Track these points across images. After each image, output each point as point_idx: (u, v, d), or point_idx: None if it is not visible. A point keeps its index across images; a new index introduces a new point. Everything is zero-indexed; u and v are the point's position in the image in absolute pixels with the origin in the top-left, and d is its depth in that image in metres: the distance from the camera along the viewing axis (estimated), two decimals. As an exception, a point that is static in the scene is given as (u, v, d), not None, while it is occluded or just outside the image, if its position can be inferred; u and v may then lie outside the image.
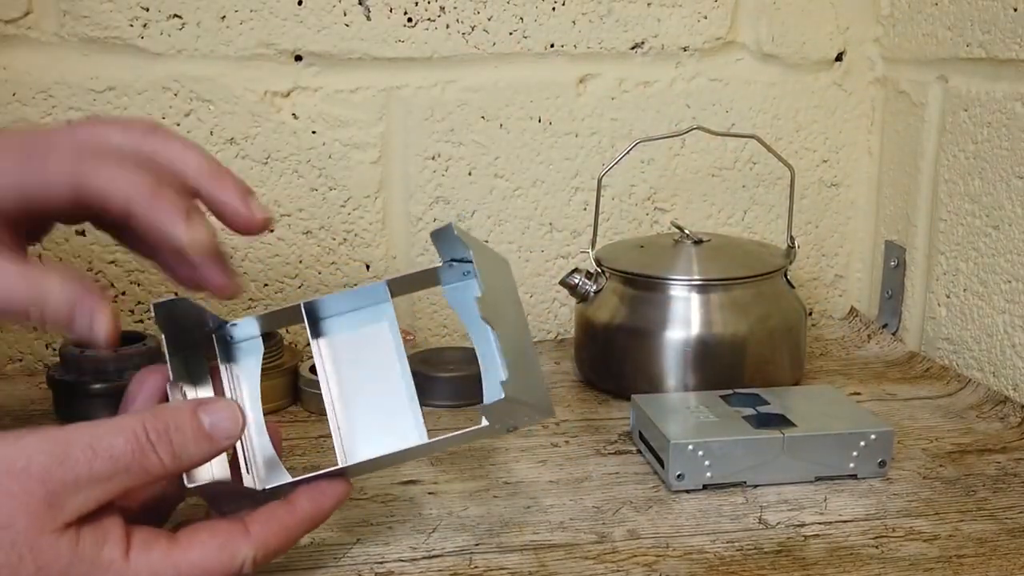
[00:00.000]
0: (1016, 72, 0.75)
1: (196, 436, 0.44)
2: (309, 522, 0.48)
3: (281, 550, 0.47)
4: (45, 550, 0.40)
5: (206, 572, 0.44)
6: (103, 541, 0.42)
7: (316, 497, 0.48)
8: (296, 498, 0.48)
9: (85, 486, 0.41)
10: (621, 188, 0.91)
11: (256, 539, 0.45)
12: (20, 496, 0.40)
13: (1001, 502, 0.59)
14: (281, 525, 0.47)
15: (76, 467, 0.41)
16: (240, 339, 0.55)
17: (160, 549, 0.43)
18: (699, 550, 0.53)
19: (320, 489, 0.48)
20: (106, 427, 0.42)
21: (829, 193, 0.96)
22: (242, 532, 0.45)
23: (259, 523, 0.46)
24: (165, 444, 0.43)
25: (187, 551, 0.44)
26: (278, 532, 0.46)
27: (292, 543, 0.48)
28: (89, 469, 0.41)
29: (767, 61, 0.91)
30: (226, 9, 0.81)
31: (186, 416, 0.44)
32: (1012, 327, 0.76)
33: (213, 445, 0.45)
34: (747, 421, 0.62)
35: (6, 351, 0.84)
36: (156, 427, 0.43)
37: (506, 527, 0.55)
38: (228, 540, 0.45)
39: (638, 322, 0.75)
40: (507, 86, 0.87)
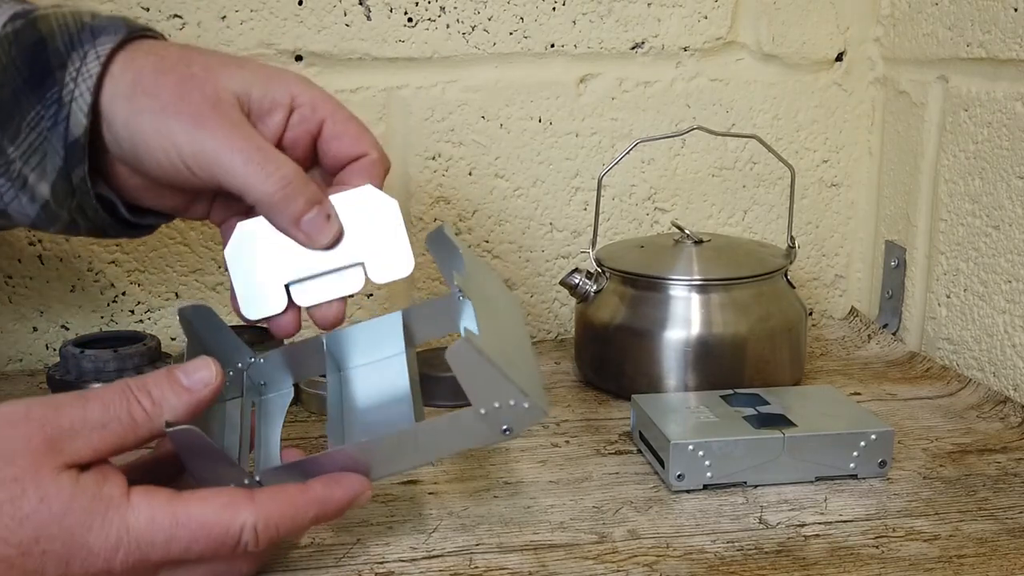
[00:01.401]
0: (1016, 72, 0.75)
1: (174, 387, 0.46)
2: (318, 506, 0.47)
3: (284, 528, 0.46)
4: (46, 484, 0.42)
5: (204, 527, 0.44)
6: (103, 480, 0.43)
7: (329, 483, 0.48)
8: (311, 481, 0.48)
9: (81, 431, 0.43)
10: (621, 188, 0.91)
11: (260, 507, 0.45)
12: (20, 439, 0.42)
13: (1001, 502, 0.59)
14: (288, 501, 0.46)
15: (71, 413, 0.43)
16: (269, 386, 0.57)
17: (162, 497, 0.44)
18: (699, 550, 0.53)
19: (336, 478, 0.48)
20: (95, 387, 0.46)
21: (829, 193, 0.96)
22: (246, 498, 0.45)
23: (266, 494, 0.46)
24: (146, 395, 0.45)
25: (188, 504, 0.44)
26: (283, 508, 0.46)
27: (297, 526, 0.47)
28: (83, 415, 0.43)
29: (767, 61, 0.91)
30: (226, 9, 0.81)
31: (163, 374, 0.46)
32: (1012, 327, 0.76)
33: (192, 394, 0.46)
34: (747, 421, 0.62)
35: (6, 351, 0.84)
36: (137, 383, 0.46)
37: (506, 527, 0.55)
38: (231, 502, 0.45)
39: (638, 322, 0.74)
40: (507, 86, 0.87)
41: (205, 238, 0.85)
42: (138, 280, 0.85)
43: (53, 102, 0.50)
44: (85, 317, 0.84)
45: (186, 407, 0.46)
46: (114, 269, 0.84)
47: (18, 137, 0.51)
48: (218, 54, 0.54)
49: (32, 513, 0.41)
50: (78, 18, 0.52)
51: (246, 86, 0.52)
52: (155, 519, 0.43)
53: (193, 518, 0.44)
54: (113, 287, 0.84)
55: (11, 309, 0.83)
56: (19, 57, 0.51)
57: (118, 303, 0.85)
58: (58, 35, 0.51)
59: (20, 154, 0.51)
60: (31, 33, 0.51)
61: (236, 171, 0.50)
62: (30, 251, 0.82)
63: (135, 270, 0.84)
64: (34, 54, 0.51)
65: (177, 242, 0.85)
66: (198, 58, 0.52)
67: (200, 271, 0.86)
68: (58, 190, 0.52)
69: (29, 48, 0.51)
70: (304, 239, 0.53)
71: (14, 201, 0.52)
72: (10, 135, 0.51)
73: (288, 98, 0.53)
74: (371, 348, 0.57)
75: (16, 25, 0.51)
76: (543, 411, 0.49)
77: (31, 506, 0.41)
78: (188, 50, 0.53)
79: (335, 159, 0.55)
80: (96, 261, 0.83)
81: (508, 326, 0.53)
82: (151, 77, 0.51)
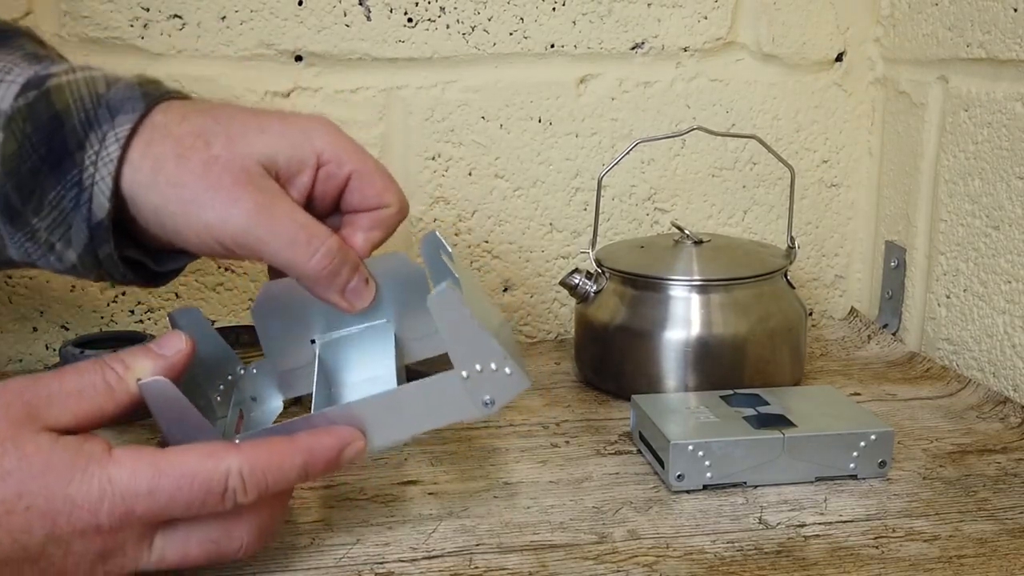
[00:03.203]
0: (1016, 72, 0.75)
1: (144, 352, 0.47)
2: (306, 454, 0.47)
3: (272, 477, 0.45)
4: (26, 443, 0.42)
5: (187, 475, 0.44)
6: (84, 439, 0.44)
7: (317, 432, 0.48)
8: (296, 433, 0.48)
9: (57, 397, 0.44)
10: (621, 188, 0.91)
11: (244, 454, 0.45)
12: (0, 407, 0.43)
13: (1001, 502, 0.59)
14: (274, 448, 0.46)
15: (48, 383, 0.44)
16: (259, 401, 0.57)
17: (144, 451, 0.44)
18: (699, 550, 0.53)
19: (324, 428, 0.48)
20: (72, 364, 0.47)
21: (829, 193, 0.96)
22: (230, 446, 0.45)
23: (250, 443, 0.46)
24: (118, 362, 0.46)
25: (169, 455, 0.44)
26: (270, 454, 0.45)
27: (286, 475, 0.46)
28: (59, 384, 0.45)
29: (767, 61, 0.91)
30: (226, 9, 0.81)
31: (137, 347, 0.48)
32: (1012, 327, 0.76)
33: (164, 359, 0.47)
34: (747, 421, 0.62)
35: (6, 351, 0.84)
36: (111, 356, 0.47)
37: (506, 527, 0.55)
38: (214, 450, 0.45)
39: (638, 322, 0.74)
40: (507, 86, 0.87)
41: (205, 238, 0.85)
42: (138, 280, 0.85)
43: (74, 184, 0.50)
44: (85, 317, 0.84)
45: (159, 368, 0.47)
46: (114, 269, 0.84)
47: (41, 211, 0.51)
48: (237, 116, 0.52)
49: (13, 470, 0.42)
50: (93, 89, 0.51)
51: (271, 152, 0.51)
52: (137, 470, 0.43)
53: (175, 466, 0.44)
54: (113, 287, 0.84)
55: (11, 309, 0.83)
56: (35, 135, 0.50)
57: (118, 303, 0.85)
58: (74, 112, 0.50)
59: (45, 226, 0.52)
60: (46, 107, 0.50)
61: (280, 253, 0.51)
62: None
63: (135, 270, 0.84)
64: (51, 132, 0.50)
65: (177, 242, 0.85)
66: (218, 131, 0.51)
67: (200, 271, 0.86)
68: (85, 260, 0.52)
69: (45, 125, 0.50)
70: (346, 306, 0.54)
71: (42, 259, 0.53)
72: (33, 208, 0.51)
73: (315, 157, 0.53)
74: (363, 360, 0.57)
75: (29, 98, 0.50)
76: (526, 380, 0.49)
77: (11, 464, 0.42)
78: (206, 119, 0.51)
79: (355, 207, 0.55)
80: (96, 261, 0.83)
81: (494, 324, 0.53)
82: (173, 164, 0.50)
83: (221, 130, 0.51)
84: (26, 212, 0.51)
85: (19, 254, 0.53)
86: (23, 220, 0.51)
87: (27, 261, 0.53)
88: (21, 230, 0.52)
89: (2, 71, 0.51)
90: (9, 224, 0.52)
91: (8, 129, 0.50)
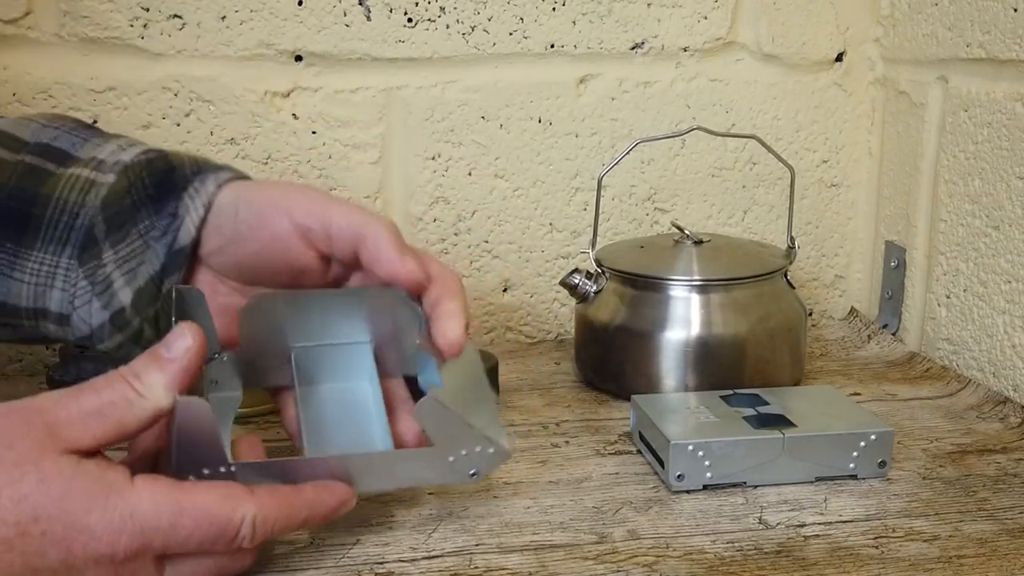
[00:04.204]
0: (1016, 72, 0.75)
1: (158, 362, 0.47)
2: (309, 509, 0.48)
3: (279, 526, 0.47)
4: (47, 466, 0.42)
5: (207, 516, 0.45)
6: (106, 467, 0.44)
7: (320, 489, 0.49)
8: (302, 485, 0.49)
9: (77, 418, 0.44)
10: (621, 188, 0.91)
11: (259, 502, 0.46)
12: (20, 426, 0.43)
13: (1001, 502, 0.59)
14: (284, 500, 0.48)
15: (68, 403, 0.44)
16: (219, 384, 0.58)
17: (164, 484, 0.45)
18: (699, 550, 0.53)
19: (327, 485, 0.50)
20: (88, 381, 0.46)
21: (829, 193, 0.96)
22: (246, 491, 0.46)
23: (264, 491, 0.47)
24: (133, 375, 0.46)
25: (191, 493, 0.45)
26: (280, 506, 0.47)
27: (290, 526, 0.48)
28: (78, 405, 0.44)
29: (767, 61, 0.91)
30: (226, 9, 0.81)
31: (146, 354, 0.47)
32: (1012, 327, 0.76)
33: (176, 363, 0.47)
34: (747, 421, 0.62)
35: (6, 351, 0.84)
36: (124, 368, 0.46)
37: (506, 527, 0.55)
38: (232, 493, 0.46)
39: (638, 322, 0.74)
40: (507, 86, 0.87)
41: (205, 238, 0.85)
42: (138, 280, 0.85)
43: (168, 214, 0.55)
44: (85, 317, 0.84)
45: (172, 377, 0.46)
46: (114, 269, 0.84)
47: (122, 242, 0.55)
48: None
49: (31, 493, 0.41)
50: (203, 159, 0.58)
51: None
52: (159, 504, 0.44)
53: (197, 506, 0.44)
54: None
55: (11, 309, 0.83)
56: (149, 178, 0.56)
57: (118, 303, 0.85)
58: (187, 166, 0.56)
59: (117, 259, 0.55)
60: (164, 163, 0.56)
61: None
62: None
63: (135, 270, 0.84)
64: (163, 177, 0.56)
65: (177, 242, 0.84)
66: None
67: (200, 271, 0.85)
68: (142, 295, 0.55)
69: (160, 173, 0.56)
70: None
71: (84, 307, 0.55)
72: (113, 239, 0.55)
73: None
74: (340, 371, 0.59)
75: (150, 155, 0.56)
76: (507, 453, 0.53)
77: (30, 487, 0.41)
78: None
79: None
80: (96, 261, 0.83)
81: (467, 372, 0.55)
82: (254, 188, 0.57)
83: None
84: (104, 244, 0.54)
85: (60, 299, 0.55)
86: (95, 252, 0.54)
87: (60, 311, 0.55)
88: (85, 265, 0.54)
89: (127, 143, 0.58)
90: (76, 258, 0.54)
91: (123, 174, 0.55)
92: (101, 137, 0.58)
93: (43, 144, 0.56)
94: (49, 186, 0.55)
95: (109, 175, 0.55)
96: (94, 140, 0.57)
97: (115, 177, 0.55)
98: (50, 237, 0.54)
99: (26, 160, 0.55)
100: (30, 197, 0.54)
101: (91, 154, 0.56)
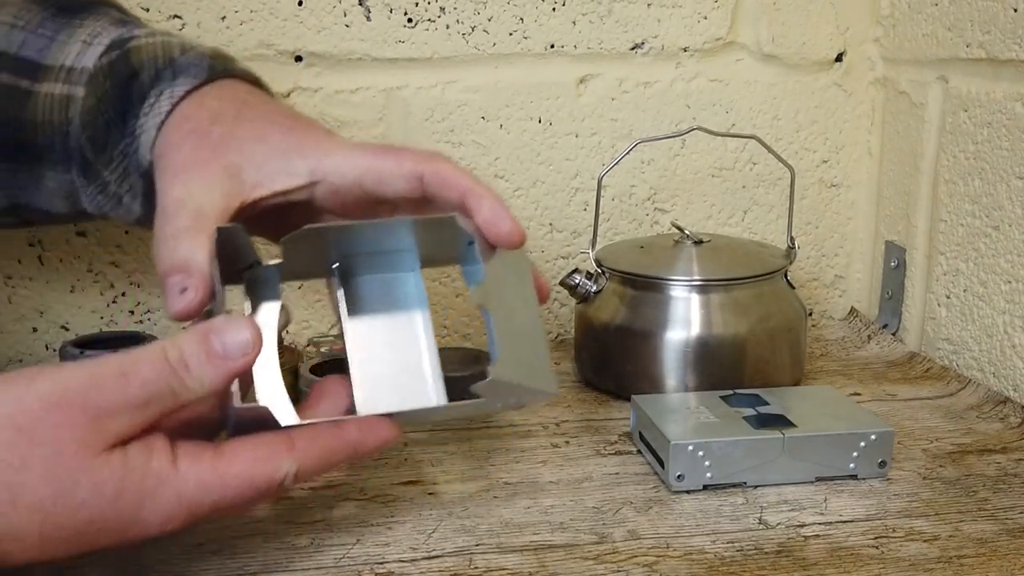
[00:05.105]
0: (1016, 72, 0.75)
1: (211, 357, 0.45)
2: (351, 450, 0.49)
3: (318, 472, 0.48)
4: (97, 470, 0.42)
5: (250, 483, 0.45)
6: (149, 453, 0.44)
7: (364, 429, 0.49)
8: (346, 425, 0.49)
9: (123, 410, 0.43)
10: (621, 188, 0.91)
11: (299, 454, 0.47)
12: (65, 426, 0.42)
13: (1001, 502, 0.59)
14: (325, 446, 0.48)
15: (112, 394, 0.43)
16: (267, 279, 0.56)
17: (207, 460, 0.45)
18: (699, 550, 0.53)
19: (370, 423, 0.50)
20: (132, 356, 0.44)
21: (829, 193, 0.96)
22: (286, 446, 0.46)
23: (304, 439, 0.47)
24: (184, 369, 0.44)
25: (232, 463, 0.45)
26: (320, 453, 0.47)
27: (330, 468, 0.49)
28: (124, 395, 0.43)
29: (767, 61, 0.91)
30: (226, 9, 0.81)
31: (198, 340, 0.45)
32: (1012, 327, 0.76)
33: (228, 364, 0.45)
34: (747, 421, 0.62)
35: (6, 351, 0.84)
36: (174, 355, 0.44)
37: (506, 527, 0.55)
38: (272, 453, 0.46)
39: (638, 322, 0.74)
40: (507, 86, 0.87)
41: (205, 238, 0.85)
42: (138, 281, 0.85)
43: (130, 134, 0.54)
44: (85, 318, 0.84)
45: (224, 378, 0.45)
46: (114, 270, 0.84)
47: (111, 164, 0.55)
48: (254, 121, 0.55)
49: (86, 500, 0.42)
50: (167, 52, 0.55)
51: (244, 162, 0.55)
52: (203, 483, 0.44)
53: (239, 476, 0.45)
54: (113, 287, 0.84)
55: (11, 309, 0.83)
56: (112, 90, 0.54)
57: (118, 303, 0.85)
58: (146, 70, 0.54)
59: (114, 178, 0.55)
60: (124, 66, 0.55)
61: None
62: (30, 252, 0.82)
63: (135, 271, 0.84)
64: (125, 88, 0.54)
65: (177, 242, 0.84)
66: (227, 119, 0.54)
67: (200, 271, 0.85)
68: (147, 209, 0.55)
69: (122, 81, 0.54)
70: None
71: (113, 210, 0.57)
72: (104, 161, 0.55)
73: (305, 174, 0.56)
74: (389, 299, 0.57)
75: (112, 56, 0.55)
76: (553, 394, 0.55)
77: (84, 495, 0.42)
78: (229, 108, 0.55)
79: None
80: (96, 262, 0.83)
81: (521, 317, 0.55)
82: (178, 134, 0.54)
83: (228, 124, 0.54)
84: (98, 165, 0.55)
85: (93, 206, 0.57)
86: (95, 172, 0.55)
87: (100, 213, 0.57)
88: (93, 182, 0.56)
89: (91, 35, 0.56)
90: (83, 176, 0.56)
91: (90, 85, 0.55)
92: (66, 29, 0.57)
93: (12, 56, 0.56)
94: (30, 111, 0.55)
95: (78, 88, 0.55)
96: (59, 37, 0.56)
97: (84, 91, 0.55)
98: (55, 159, 0.56)
99: (3, 81, 0.56)
100: (19, 124, 0.55)
101: (59, 60, 0.56)
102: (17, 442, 0.41)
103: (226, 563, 0.51)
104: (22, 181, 0.57)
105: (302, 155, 0.54)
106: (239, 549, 0.52)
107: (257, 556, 0.52)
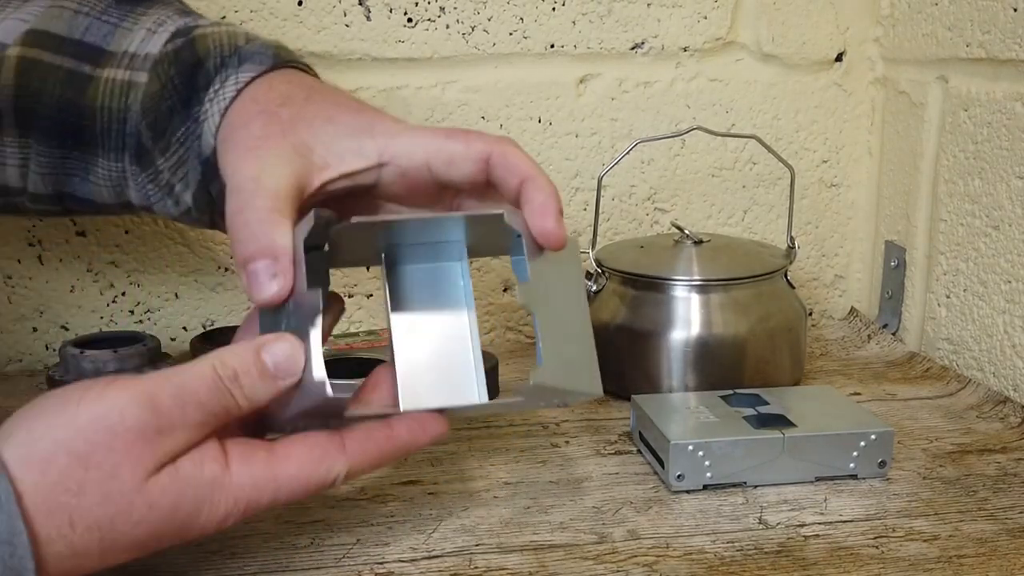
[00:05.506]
0: (1016, 72, 0.75)
1: (262, 376, 0.45)
2: (402, 451, 0.49)
3: (369, 471, 0.49)
4: (152, 490, 0.42)
5: (303, 484, 0.46)
6: (201, 462, 0.44)
7: (415, 429, 0.49)
8: (396, 425, 0.49)
9: (179, 431, 0.43)
10: (621, 188, 0.91)
11: (351, 456, 0.47)
12: (121, 450, 0.42)
13: (1001, 502, 0.59)
14: (377, 447, 0.48)
15: (169, 417, 0.43)
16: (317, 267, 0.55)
17: (260, 461, 0.45)
18: (699, 550, 0.53)
19: (421, 422, 0.49)
20: (185, 376, 0.44)
21: (829, 193, 0.96)
22: (338, 447, 0.47)
23: (356, 441, 0.48)
24: (238, 388, 0.45)
25: (285, 463, 0.46)
26: (372, 453, 0.48)
27: (381, 466, 0.50)
28: (182, 416, 0.43)
29: (767, 61, 0.91)
30: (226, 10, 0.81)
31: (251, 359, 0.45)
32: (1012, 327, 0.76)
33: (277, 383, 0.46)
34: (747, 421, 0.62)
35: (6, 351, 0.84)
36: (227, 373, 0.45)
37: (506, 527, 0.55)
38: (325, 454, 0.47)
39: (638, 322, 0.74)
40: (507, 86, 0.87)
41: (205, 239, 0.85)
42: (138, 280, 0.85)
43: (193, 119, 0.54)
44: (85, 317, 0.84)
45: (272, 394, 0.46)
46: (114, 269, 0.84)
47: (168, 151, 0.55)
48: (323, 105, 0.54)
49: (144, 517, 0.42)
50: (233, 41, 0.55)
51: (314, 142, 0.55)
52: (258, 484, 0.45)
53: (294, 477, 0.46)
54: (113, 287, 0.84)
55: (11, 309, 0.83)
56: (177, 76, 0.54)
57: (118, 303, 0.85)
58: (212, 57, 0.55)
59: (169, 165, 0.55)
60: (190, 54, 0.55)
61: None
62: (30, 251, 0.82)
63: (135, 270, 0.84)
64: (190, 75, 0.54)
65: (177, 243, 0.85)
66: (296, 101, 0.54)
67: (200, 271, 0.86)
68: (199, 199, 0.55)
69: (187, 69, 0.54)
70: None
71: (160, 203, 0.56)
72: (160, 147, 0.55)
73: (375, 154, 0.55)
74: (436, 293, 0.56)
75: (177, 44, 0.55)
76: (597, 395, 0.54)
77: (141, 514, 0.42)
78: (299, 92, 0.54)
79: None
80: (96, 261, 0.83)
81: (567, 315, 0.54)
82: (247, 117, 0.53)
83: (297, 106, 0.53)
84: (154, 152, 0.55)
85: (139, 197, 0.57)
86: (149, 160, 0.55)
87: (144, 205, 0.57)
88: (146, 171, 0.55)
89: (156, 23, 0.56)
90: (136, 164, 0.55)
91: (154, 71, 0.55)
92: (131, 16, 0.57)
93: (76, 41, 0.56)
94: (90, 95, 0.55)
95: (141, 73, 0.55)
96: (124, 24, 0.57)
97: (147, 76, 0.55)
98: (109, 146, 0.56)
99: (65, 65, 0.56)
100: (77, 109, 0.55)
101: (122, 47, 0.56)
102: (73, 467, 0.41)
103: (226, 563, 0.51)
104: (72, 167, 0.57)
105: (371, 135, 0.53)
106: (239, 549, 0.52)
107: (257, 556, 0.52)
